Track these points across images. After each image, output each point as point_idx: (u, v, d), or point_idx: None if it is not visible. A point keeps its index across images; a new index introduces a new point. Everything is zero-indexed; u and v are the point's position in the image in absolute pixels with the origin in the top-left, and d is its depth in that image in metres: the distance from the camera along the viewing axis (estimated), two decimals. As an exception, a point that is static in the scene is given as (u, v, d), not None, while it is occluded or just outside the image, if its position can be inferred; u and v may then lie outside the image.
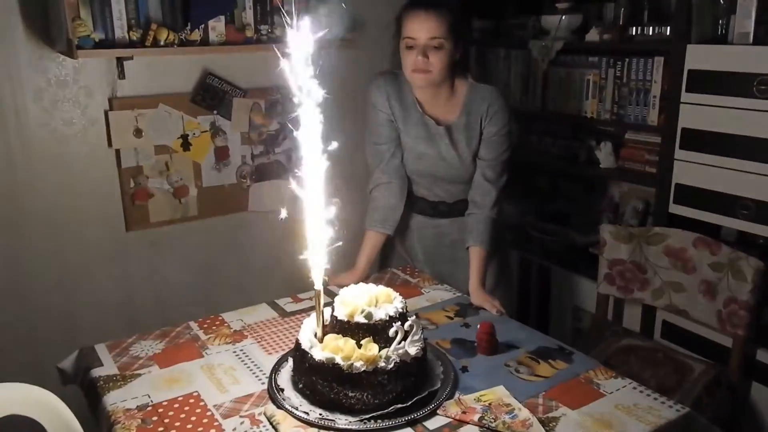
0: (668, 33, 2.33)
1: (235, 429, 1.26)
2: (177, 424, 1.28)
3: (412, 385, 1.32)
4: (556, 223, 2.91)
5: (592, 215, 2.83)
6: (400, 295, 1.44)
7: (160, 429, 1.27)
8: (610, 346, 2.16)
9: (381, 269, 2.16)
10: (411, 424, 1.27)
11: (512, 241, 2.34)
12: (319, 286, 1.35)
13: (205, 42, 2.29)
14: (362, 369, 1.25)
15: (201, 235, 2.63)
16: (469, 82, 1.95)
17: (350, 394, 1.27)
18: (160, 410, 1.32)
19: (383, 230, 2.02)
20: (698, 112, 2.16)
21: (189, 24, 2.22)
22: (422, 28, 1.80)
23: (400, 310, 1.37)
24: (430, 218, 2.10)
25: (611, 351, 2.13)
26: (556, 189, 3.06)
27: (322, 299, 1.35)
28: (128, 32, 2.15)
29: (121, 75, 2.30)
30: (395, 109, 1.97)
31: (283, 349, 1.56)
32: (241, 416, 1.30)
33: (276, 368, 1.45)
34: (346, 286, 1.48)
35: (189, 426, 1.27)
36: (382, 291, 1.42)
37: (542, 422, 1.26)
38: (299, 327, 1.61)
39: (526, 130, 2.93)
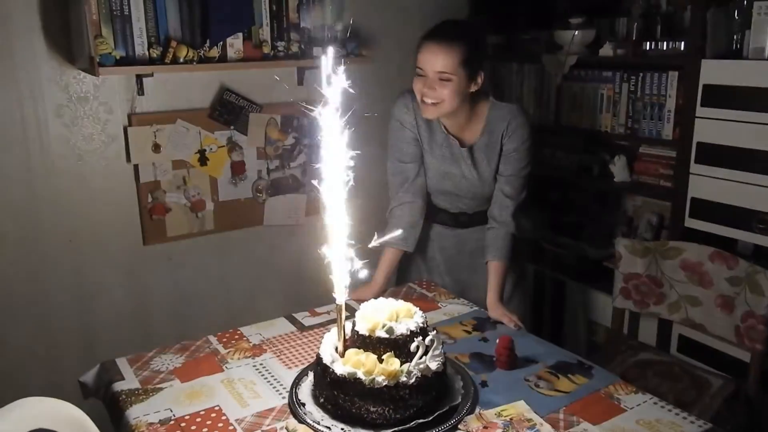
0: (683, 48, 2.34)
1: (257, 443, 1.27)
2: (200, 438, 1.29)
3: (433, 399, 1.33)
4: (570, 236, 2.91)
5: (605, 229, 2.83)
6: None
7: (184, 443, 1.28)
8: (626, 360, 2.16)
9: (399, 281, 2.17)
10: (432, 439, 1.27)
11: (526, 254, 2.36)
12: (340, 300, 1.36)
13: (223, 59, 2.32)
14: (384, 384, 1.26)
15: (217, 249, 2.65)
16: (490, 101, 1.95)
17: (372, 409, 1.27)
18: (183, 424, 1.34)
19: (404, 247, 2.04)
20: (713, 127, 2.16)
21: (208, 41, 2.26)
22: (430, 61, 1.78)
23: (421, 325, 1.38)
24: (451, 228, 2.11)
25: (627, 365, 2.13)
26: (570, 202, 3.06)
27: (344, 313, 1.36)
28: (148, 50, 2.18)
29: (140, 91, 2.34)
30: (421, 129, 1.97)
31: (303, 363, 1.57)
32: (263, 430, 1.31)
33: (296, 382, 1.46)
34: (364, 300, 1.49)
35: (212, 440, 1.28)
36: (402, 306, 1.43)
37: (564, 438, 1.27)
38: (318, 341, 1.63)
39: (540, 144, 2.93)
